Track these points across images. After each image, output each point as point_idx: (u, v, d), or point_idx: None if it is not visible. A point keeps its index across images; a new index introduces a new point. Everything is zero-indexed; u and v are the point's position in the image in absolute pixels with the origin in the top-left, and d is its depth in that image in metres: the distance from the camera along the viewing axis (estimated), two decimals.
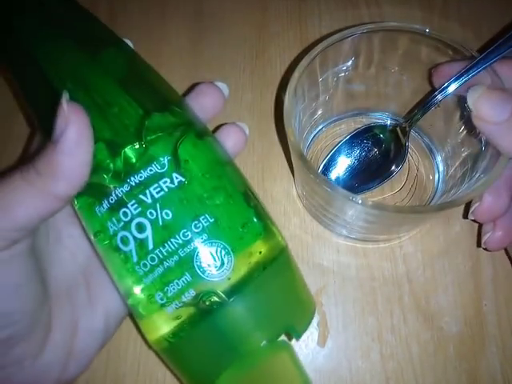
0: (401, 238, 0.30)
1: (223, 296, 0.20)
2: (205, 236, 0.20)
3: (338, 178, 0.30)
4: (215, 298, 0.20)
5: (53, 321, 0.22)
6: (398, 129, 0.29)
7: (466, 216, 0.29)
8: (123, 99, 0.21)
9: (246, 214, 0.22)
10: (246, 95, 0.35)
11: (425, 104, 0.26)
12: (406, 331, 0.28)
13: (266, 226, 0.22)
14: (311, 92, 0.28)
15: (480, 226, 0.28)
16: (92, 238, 0.21)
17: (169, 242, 0.20)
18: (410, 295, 0.28)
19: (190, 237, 0.20)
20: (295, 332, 0.22)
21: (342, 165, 0.30)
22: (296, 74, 0.24)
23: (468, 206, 0.25)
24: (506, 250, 0.27)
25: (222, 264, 0.20)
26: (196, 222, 0.20)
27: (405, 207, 0.27)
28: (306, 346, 0.28)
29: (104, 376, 0.27)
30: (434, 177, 0.31)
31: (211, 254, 0.20)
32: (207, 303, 0.20)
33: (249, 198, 0.22)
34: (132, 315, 0.27)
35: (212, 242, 0.20)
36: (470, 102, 0.21)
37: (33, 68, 0.21)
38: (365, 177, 0.29)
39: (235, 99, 0.34)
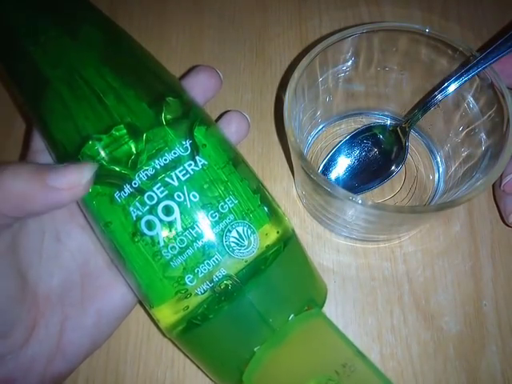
0: (401, 238, 0.30)
1: (252, 273, 0.21)
2: (232, 216, 0.21)
3: (337, 178, 0.30)
4: (245, 276, 0.20)
5: (38, 317, 0.22)
6: (398, 129, 0.29)
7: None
8: (140, 83, 0.22)
9: (259, 196, 0.22)
10: (246, 95, 0.35)
11: (425, 104, 0.26)
12: (405, 331, 0.28)
13: (276, 209, 0.23)
14: (311, 92, 0.28)
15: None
16: (103, 228, 0.21)
17: (198, 224, 0.20)
18: (410, 295, 0.28)
19: (218, 217, 0.20)
20: (316, 305, 0.22)
21: (342, 165, 0.30)
22: (296, 74, 0.24)
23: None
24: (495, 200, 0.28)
25: (250, 242, 0.21)
26: (222, 204, 0.21)
27: (404, 207, 0.27)
28: None
29: (104, 376, 0.27)
30: (433, 177, 0.31)
31: (239, 234, 0.21)
32: (237, 281, 0.20)
33: (258, 183, 0.23)
34: (145, 308, 0.28)
35: (239, 222, 0.21)
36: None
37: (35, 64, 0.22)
38: (365, 177, 0.29)
39: (235, 99, 0.34)
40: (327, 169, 0.30)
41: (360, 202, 0.21)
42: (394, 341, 0.28)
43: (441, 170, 0.30)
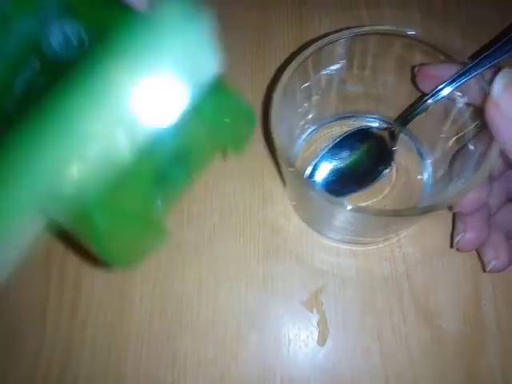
0: (399, 236, 0.30)
1: None
2: None
3: (326, 181, 0.29)
4: None
5: None
6: (388, 132, 0.29)
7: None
8: None
9: None
10: (246, 96, 0.34)
11: (415, 109, 0.26)
12: (405, 330, 0.28)
13: None
14: (302, 94, 0.28)
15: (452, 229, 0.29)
16: None
17: None
18: (410, 294, 0.28)
19: None
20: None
21: (331, 168, 0.30)
22: (285, 76, 0.24)
23: None
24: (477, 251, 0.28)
25: None
26: None
27: (387, 210, 0.26)
28: (306, 345, 0.28)
29: (105, 376, 0.28)
30: (422, 179, 0.31)
31: None
32: None
33: None
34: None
35: None
36: (498, 86, 0.20)
37: None
38: (353, 180, 0.29)
39: None
40: (315, 171, 0.30)
41: (342, 204, 0.21)
42: (394, 340, 0.28)
43: (430, 173, 0.30)
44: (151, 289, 0.29)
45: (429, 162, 0.30)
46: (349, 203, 0.21)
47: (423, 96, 0.26)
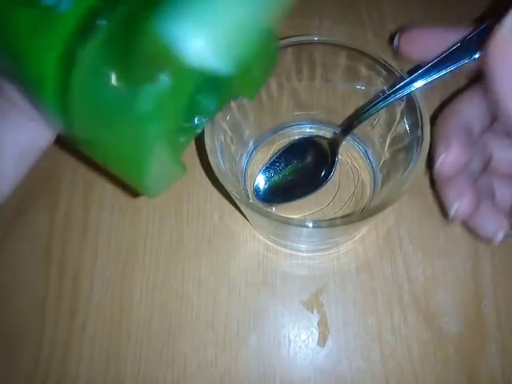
0: (399, 235, 0.30)
1: None
2: None
3: (268, 191, 0.29)
4: None
5: None
6: (331, 139, 0.29)
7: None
8: None
9: None
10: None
11: (357, 116, 0.26)
12: (405, 331, 0.28)
13: None
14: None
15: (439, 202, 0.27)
16: None
17: None
18: (410, 295, 0.28)
19: None
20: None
21: (273, 177, 0.30)
22: None
23: None
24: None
25: None
26: None
27: (312, 222, 0.26)
28: (306, 346, 0.28)
29: (104, 376, 0.27)
30: (371, 182, 0.31)
31: None
32: None
33: None
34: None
35: None
36: (508, 27, 0.18)
37: None
38: (297, 187, 0.29)
39: None
40: (259, 183, 0.29)
41: (267, 215, 0.21)
42: (394, 341, 0.28)
43: (377, 177, 0.30)
44: (151, 289, 0.29)
45: (376, 166, 0.31)
46: (271, 214, 0.21)
47: (366, 104, 0.26)
